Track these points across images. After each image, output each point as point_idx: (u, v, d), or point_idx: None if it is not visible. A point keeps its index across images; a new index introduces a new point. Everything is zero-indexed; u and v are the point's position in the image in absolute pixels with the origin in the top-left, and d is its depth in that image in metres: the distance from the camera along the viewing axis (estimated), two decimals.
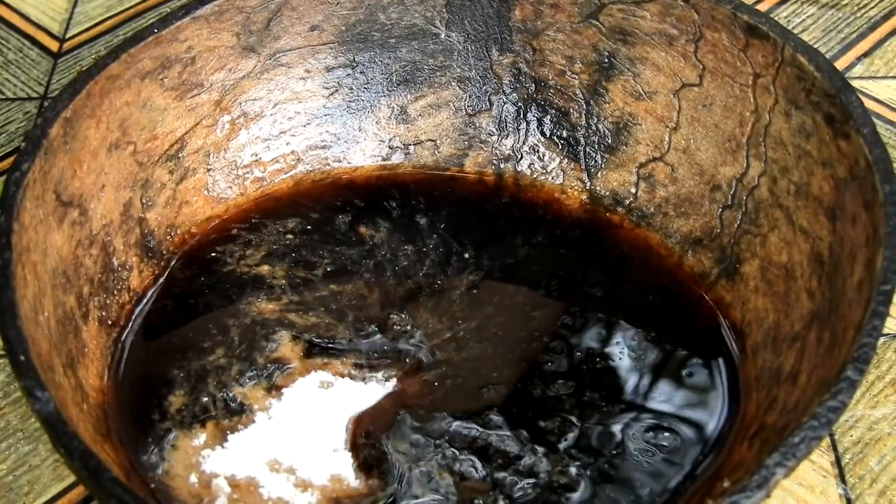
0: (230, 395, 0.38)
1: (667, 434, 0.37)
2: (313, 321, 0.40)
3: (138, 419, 0.37)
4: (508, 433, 0.37)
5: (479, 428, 0.37)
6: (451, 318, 0.40)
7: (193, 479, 0.35)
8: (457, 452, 0.36)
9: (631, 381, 0.38)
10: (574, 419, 0.37)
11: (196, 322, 0.40)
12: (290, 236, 0.43)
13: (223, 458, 0.36)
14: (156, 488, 0.35)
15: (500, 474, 0.36)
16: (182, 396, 0.38)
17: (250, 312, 0.40)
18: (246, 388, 0.38)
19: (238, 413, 0.37)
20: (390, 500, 0.35)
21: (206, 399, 0.38)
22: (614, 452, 0.36)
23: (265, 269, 0.42)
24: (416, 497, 0.35)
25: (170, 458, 0.36)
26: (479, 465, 0.36)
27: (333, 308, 0.40)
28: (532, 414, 0.37)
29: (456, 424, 0.37)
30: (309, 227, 0.43)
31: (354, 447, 0.36)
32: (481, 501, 0.35)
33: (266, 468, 0.36)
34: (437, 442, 0.36)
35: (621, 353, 0.39)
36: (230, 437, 0.36)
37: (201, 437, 0.36)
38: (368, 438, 0.36)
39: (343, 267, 0.42)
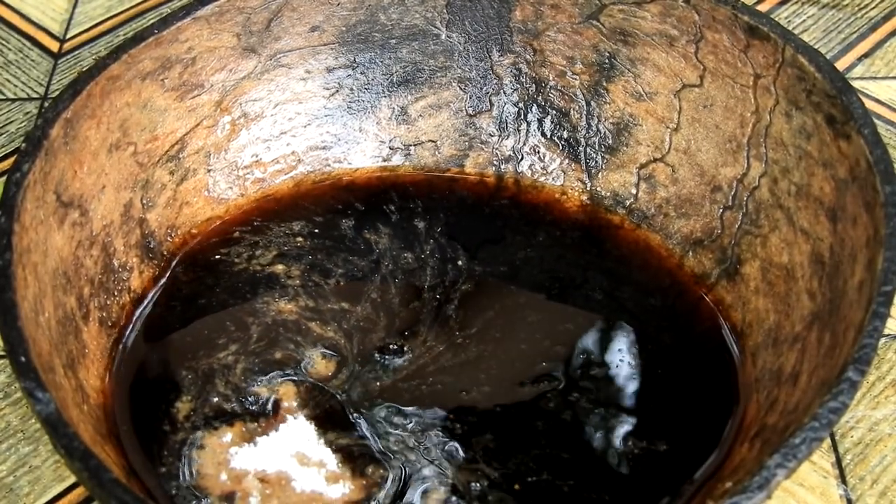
0: (250, 393, 0.38)
1: (667, 435, 0.37)
2: (330, 335, 0.40)
3: (149, 420, 0.37)
4: (507, 435, 0.37)
5: (476, 429, 0.37)
6: (450, 322, 0.40)
7: (224, 476, 0.35)
8: (454, 450, 0.36)
9: (631, 383, 0.38)
10: (574, 421, 0.37)
11: (204, 321, 0.40)
12: (299, 239, 0.43)
13: (251, 455, 0.36)
14: (187, 488, 0.35)
15: (497, 474, 0.36)
16: (194, 399, 0.38)
17: (268, 311, 0.40)
18: (266, 387, 0.38)
19: (261, 411, 0.37)
20: (401, 482, 0.35)
21: (226, 398, 0.38)
22: (614, 454, 0.36)
23: (280, 268, 0.42)
24: (423, 479, 0.35)
25: (198, 457, 0.36)
26: (475, 463, 0.36)
27: (345, 326, 0.40)
28: (531, 416, 0.37)
29: (451, 425, 0.37)
30: (316, 230, 0.43)
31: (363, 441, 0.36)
32: (478, 485, 0.35)
33: (295, 462, 0.36)
34: (432, 437, 0.36)
35: (621, 354, 0.39)
36: (254, 434, 0.37)
37: (226, 436, 0.36)
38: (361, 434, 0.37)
39: (353, 276, 0.42)
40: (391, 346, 0.39)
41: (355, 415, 0.37)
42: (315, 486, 0.35)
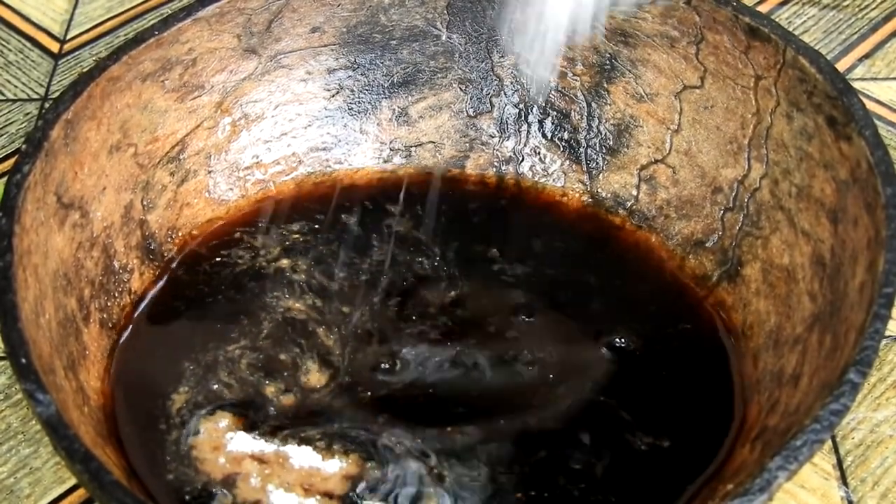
0: (248, 387, 0.38)
1: (668, 437, 0.37)
2: (329, 337, 0.40)
3: (150, 421, 0.37)
4: (505, 439, 0.37)
5: (473, 431, 0.37)
6: (450, 324, 0.40)
7: (222, 460, 0.36)
8: (450, 454, 0.36)
9: (631, 384, 0.38)
10: (574, 423, 0.37)
11: (206, 320, 0.40)
12: (306, 237, 0.43)
13: (246, 439, 0.36)
14: (186, 473, 0.35)
15: (500, 477, 0.36)
16: (191, 389, 0.38)
17: (271, 308, 0.40)
18: (263, 382, 0.38)
19: (255, 399, 0.38)
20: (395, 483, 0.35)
21: (227, 385, 0.38)
22: (614, 456, 0.36)
23: (285, 262, 0.42)
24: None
25: (196, 445, 0.36)
26: (471, 467, 0.36)
27: (345, 330, 0.40)
28: (529, 416, 0.37)
29: (449, 429, 0.37)
30: (319, 230, 0.43)
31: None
32: (474, 491, 0.35)
33: (291, 442, 0.36)
34: (429, 442, 0.36)
35: (622, 354, 0.39)
36: (250, 422, 0.37)
37: (222, 422, 0.37)
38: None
39: (356, 277, 0.42)
40: (390, 351, 0.39)
41: (354, 417, 0.37)
42: (312, 462, 0.36)
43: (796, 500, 0.37)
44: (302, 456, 0.36)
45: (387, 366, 0.39)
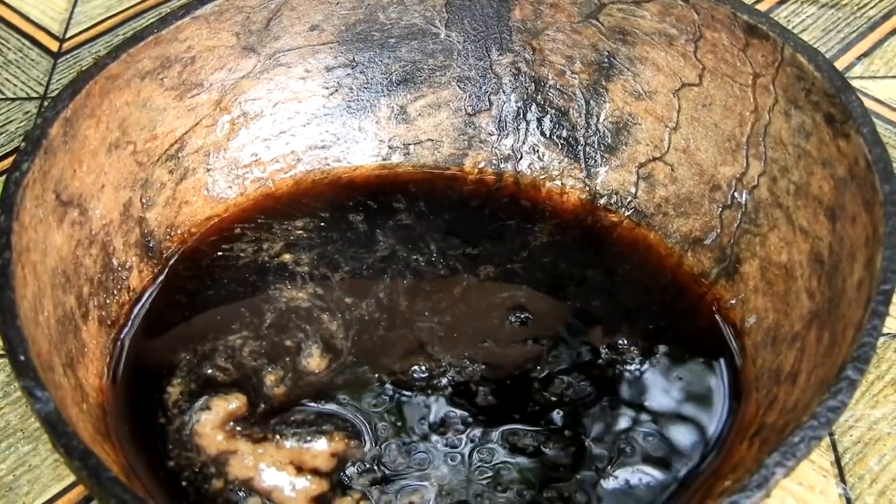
0: (245, 371, 0.38)
1: (666, 434, 0.37)
2: (331, 328, 0.40)
3: (145, 413, 0.37)
4: (504, 433, 0.37)
5: (469, 430, 0.37)
6: (449, 320, 0.40)
7: (220, 437, 0.37)
8: (445, 454, 0.36)
9: (630, 381, 0.38)
10: (573, 419, 0.37)
11: (204, 317, 0.41)
12: (301, 233, 0.43)
13: (247, 419, 0.37)
14: (186, 456, 0.36)
15: (495, 473, 0.36)
16: (188, 384, 0.38)
17: (268, 303, 0.41)
18: (265, 367, 0.39)
19: (254, 383, 0.38)
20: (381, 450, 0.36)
21: (223, 370, 0.38)
22: (613, 453, 0.36)
23: (287, 257, 0.42)
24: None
25: (199, 420, 0.37)
26: (463, 465, 0.36)
27: (346, 324, 0.40)
28: (530, 414, 0.37)
29: (450, 420, 0.37)
30: (319, 226, 0.43)
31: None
32: (464, 487, 0.35)
33: (285, 426, 0.37)
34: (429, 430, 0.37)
35: (621, 352, 0.39)
36: (249, 401, 0.38)
37: (231, 404, 0.38)
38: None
39: (354, 273, 0.42)
40: (390, 341, 0.39)
41: (352, 400, 0.37)
42: (305, 442, 0.37)
43: (794, 496, 0.37)
44: (297, 436, 0.37)
45: (385, 356, 0.39)
